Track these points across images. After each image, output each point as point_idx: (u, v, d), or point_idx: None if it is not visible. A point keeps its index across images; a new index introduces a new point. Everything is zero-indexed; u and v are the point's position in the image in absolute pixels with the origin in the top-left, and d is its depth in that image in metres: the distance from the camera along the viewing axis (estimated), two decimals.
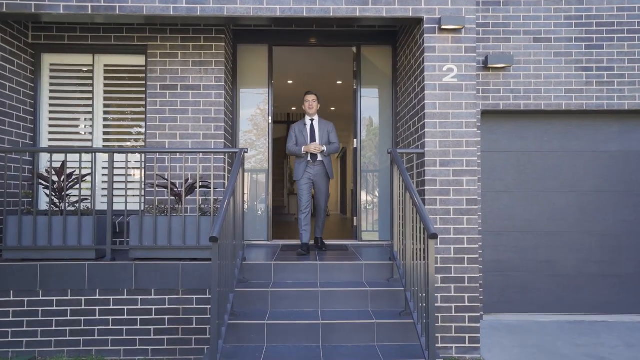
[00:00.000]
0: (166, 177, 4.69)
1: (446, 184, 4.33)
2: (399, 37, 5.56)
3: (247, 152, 4.34)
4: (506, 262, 5.57)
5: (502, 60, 5.29)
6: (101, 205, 5.06)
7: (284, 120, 13.51)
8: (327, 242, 5.71)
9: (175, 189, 4.47)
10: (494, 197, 5.58)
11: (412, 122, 4.84)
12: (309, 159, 4.99)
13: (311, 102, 5.10)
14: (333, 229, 8.44)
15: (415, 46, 4.69)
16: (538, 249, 5.59)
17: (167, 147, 4.98)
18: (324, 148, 4.96)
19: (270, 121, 5.76)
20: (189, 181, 4.66)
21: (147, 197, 4.92)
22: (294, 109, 12.27)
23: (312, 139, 5.04)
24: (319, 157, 4.98)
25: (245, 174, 5.78)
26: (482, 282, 5.35)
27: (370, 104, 5.85)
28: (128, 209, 4.75)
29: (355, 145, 5.81)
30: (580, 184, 5.61)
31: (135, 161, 5.23)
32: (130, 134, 5.36)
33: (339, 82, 8.92)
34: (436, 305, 4.19)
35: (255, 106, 5.80)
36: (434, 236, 3.03)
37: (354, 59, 5.85)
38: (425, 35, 4.36)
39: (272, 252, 5.08)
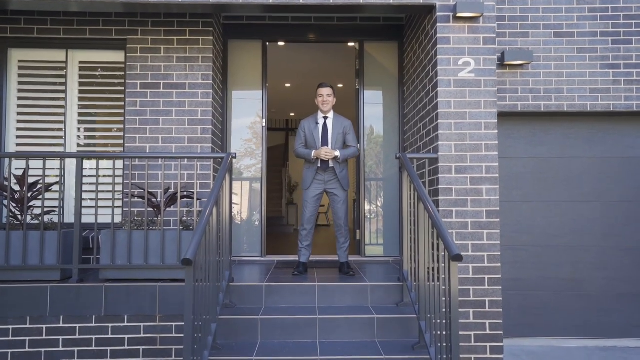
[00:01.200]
0: (143, 187, 4.13)
1: (463, 193, 3.79)
2: (406, 31, 5.05)
3: (235, 157, 3.80)
4: (526, 280, 5.01)
5: (520, 56, 4.77)
6: (72, 218, 4.49)
7: (282, 127, 12.99)
8: (325, 258, 5.16)
9: (154, 200, 3.92)
10: (511, 207, 5.03)
11: (423, 124, 4.31)
12: (319, 165, 4.24)
13: (325, 97, 4.28)
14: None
15: (426, 39, 4.17)
16: (561, 265, 5.03)
17: (147, 152, 4.43)
18: (338, 153, 4.18)
19: (264, 124, 5.23)
20: (170, 191, 4.11)
21: (123, 209, 4.37)
22: (292, 114, 11.77)
23: (325, 142, 4.25)
24: (331, 164, 4.26)
25: (238, 183, 5.24)
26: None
27: (374, 105, 5.32)
28: (101, 222, 4.20)
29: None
30: (607, 194, 5.06)
31: (110, 168, 4.66)
32: (107, 137, 4.83)
33: (340, 85, 8.41)
34: None
35: (247, 108, 5.27)
36: (457, 258, 2.47)
37: (357, 56, 5.34)
38: (438, 24, 3.85)
39: (266, 270, 4.52)
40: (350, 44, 6.34)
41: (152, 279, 3.71)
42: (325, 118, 4.35)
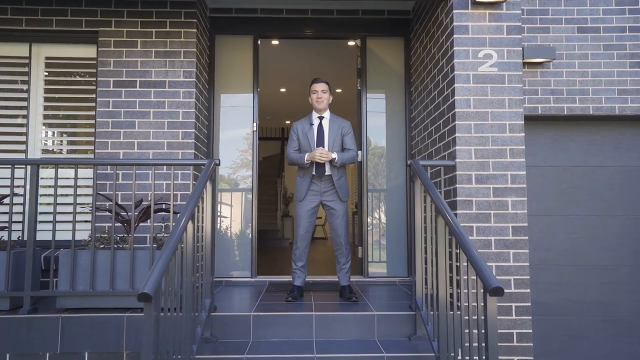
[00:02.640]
0: (111, 198, 3.56)
1: (485, 206, 3.24)
2: (414, 25, 4.55)
3: (218, 164, 3.25)
4: (548, 303, 4.44)
5: (541, 53, 4.27)
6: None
7: (277, 136, 12.46)
8: (323, 278, 4.59)
9: (124, 214, 3.36)
10: (530, 222, 4.47)
11: (435, 127, 3.78)
12: (314, 172, 3.71)
13: (320, 94, 3.75)
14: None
15: (439, 29, 3.66)
16: (587, 287, 4.47)
17: (121, 158, 3.87)
18: (335, 155, 3.66)
19: (254, 129, 4.68)
20: (144, 203, 3.55)
21: (93, 224, 3.80)
22: (288, 122, 11.25)
23: (320, 144, 3.73)
24: (327, 170, 3.71)
25: (227, 194, 4.68)
26: None
27: (377, 108, 4.79)
28: (64, 239, 3.63)
29: (359, 159, 4.71)
30: (638, 207, 4.53)
31: (77, 178, 4.10)
32: (76, 142, 4.27)
33: (339, 90, 7.90)
34: None
35: (236, 111, 4.72)
36: (497, 292, 1.92)
37: (358, 54, 4.81)
38: (455, 11, 3.33)
39: (255, 294, 3.95)
40: (351, 43, 5.86)
41: (119, 308, 3.14)
42: (321, 118, 3.79)
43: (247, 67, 4.72)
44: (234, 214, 4.70)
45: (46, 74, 4.20)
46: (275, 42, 5.92)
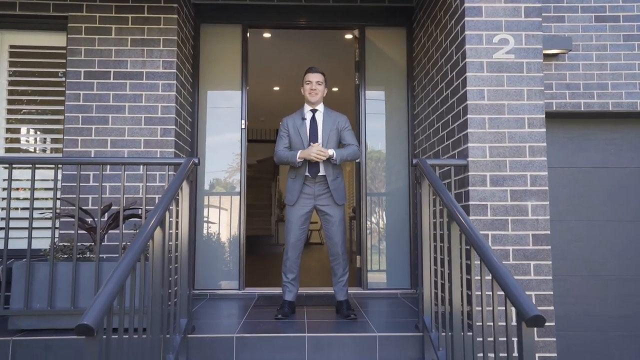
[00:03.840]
0: (74, 203, 3.14)
1: (502, 211, 2.85)
2: (417, 13, 4.16)
3: (198, 163, 2.84)
4: (566, 317, 4.05)
5: (556, 44, 3.90)
6: None
7: (272, 138, 12.04)
8: (318, 290, 4.18)
9: (89, 220, 2.94)
10: None
11: (443, 123, 3.39)
12: (307, 172, 3.27)
13: (314, 85, 3.31)
14: (327, 267, 6.77)
15: (447, 14, 3.27)
16: (607, 299, 4.08)
17: (87, 157, 3.46)
18: (332, 152, 3.21)
19: (243, 126, 4.28)
20: (113, 208, 3.13)
21: (59, 232, 3.39)
22: None
23: (314, 140, 3.29)
24: (321, 170, 3.27)
25: (213, 197, 4.27)
26: None
27: (377, 103, 4.40)
28: (19, 249, 3.21)
29: (358, 159, 4.31)
30: None
31: (44, 179, 3.67)
32: (44, 140, 3.86)
33: (335, 89, 7.52)
34: None
35: (224, 107, 4.32)
36: (536, 321, 1.51)
37: (357, 45, 4.42)
38: None
39: (242, 309, 3.53)
40: (349, 36, 5.48)
41: None
42: (314, 111, 3.36)
43: (236, 59, 4.32)
44: (220, 219, 4.29)
45: (10, 64, 3.79)
46: (266, 34, 5.54)
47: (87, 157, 3.25)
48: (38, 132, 3.86)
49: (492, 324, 1.92)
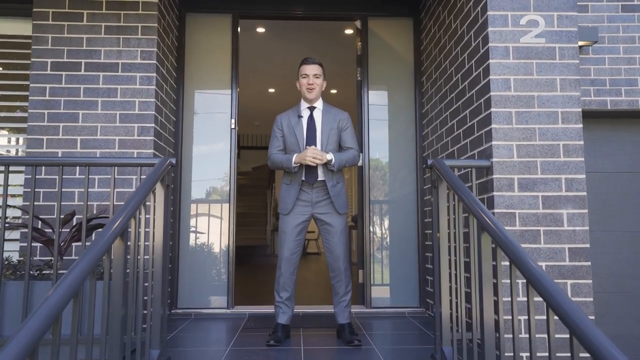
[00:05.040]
0: (28, 210, 2.69)
1: (532, 221, 2.42)
2: (425, 2, 3.77)
3: (174, 164, 2.42)
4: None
5: (580, 36, 3.51)
6: None
7: (267, 145, 11.62)
8: (316, 309, 3.73)
9: (47, 231, 2.50)
10: None
11: (459, 120, 2.97)
12: (303, 177, 2.86)
13: (312, 78, 2.88)
14: (326, 282, 6.35)
15: None
16: (638, 319, 3.66)
17: (41, 157, 3.01)
18: (330, 157, 2.82)
19: (233, 126, 3.86)
20: (77, 217, 2.70)
21: (20, 244, 2.94)
22: None
23: (311, 141, 2.88)
24: (320, 175, 2.85)
25: (200, 205, 3.84)
26: None
27: (381, 102, 3.99)
28: None
29: (359, 163, 3.89)
30: None
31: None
32: (9, 140, 3.43)
33: (334, 91, 7.12)
34: None
35: (212, 104, 3.91)
36: None
37: (358, 38, 4.02)
38: None
39: (230, 332, 3.08)
40: (349, 32, 5.09)
41: None
42: (312, 109, 2.93)
43: (225, 52, 3.91)
44: (209, 229, 3.85)
45: None
46: (260, 29, 5.14)
47: (40, 157, 2.77)
48: (4, 131, 3.43)
49: None
